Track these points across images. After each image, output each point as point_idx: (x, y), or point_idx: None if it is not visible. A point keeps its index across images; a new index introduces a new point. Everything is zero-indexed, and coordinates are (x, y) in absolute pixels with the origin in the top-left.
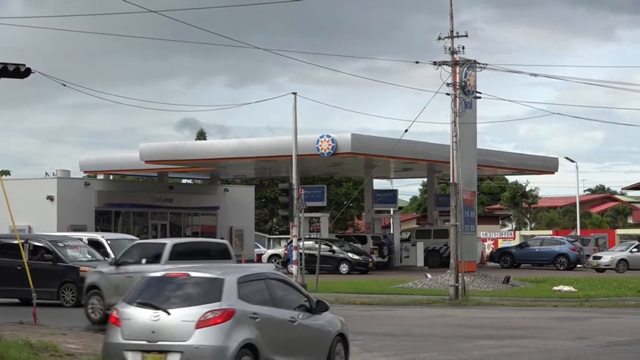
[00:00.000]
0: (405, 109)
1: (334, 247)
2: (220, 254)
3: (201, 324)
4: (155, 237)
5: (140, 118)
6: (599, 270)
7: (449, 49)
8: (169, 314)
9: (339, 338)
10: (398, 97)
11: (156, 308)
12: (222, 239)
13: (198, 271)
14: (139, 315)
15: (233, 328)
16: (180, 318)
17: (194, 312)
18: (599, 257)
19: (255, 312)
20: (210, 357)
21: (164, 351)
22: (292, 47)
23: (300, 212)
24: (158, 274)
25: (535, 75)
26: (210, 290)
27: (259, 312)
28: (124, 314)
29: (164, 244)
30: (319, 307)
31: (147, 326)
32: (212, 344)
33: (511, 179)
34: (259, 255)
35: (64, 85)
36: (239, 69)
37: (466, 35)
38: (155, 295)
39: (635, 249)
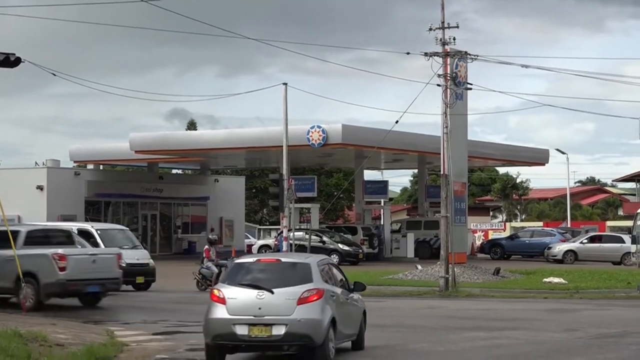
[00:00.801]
0: (396, 100)
1: (325, 238)
2: (66, 239)
3: (301, 301)
4: (145, 227)
5: (130, 108)
6: (549, 261)
7: (440, 40)
8: (272, 293)
9: (364, 312)
10: (389, 88)
11: (260, 288)
12: (212, 230)
13: (287, 257)
14: (245, 295)
15: (324, 305)
16: (283, 296)
17: (295, 291)
18: (550, 248)
19: (333, 291)
20: (310, 328)
21: (270, 324)
22: (282, 37)
23: (291, 203)
24: (250, 259)
25: (526, 66)
26: (302, 273)
27: (334, 291)
28: (229, 294)
29: (19, 231)
30: (356, 287)
31: (254, 303)
32: (311, 317)
33: (502, 170)
34: (249, 246)
35: (54, 74)
36: (229, 59)
37: (457, 27)
38: (255, 277)
39: (586, 241)
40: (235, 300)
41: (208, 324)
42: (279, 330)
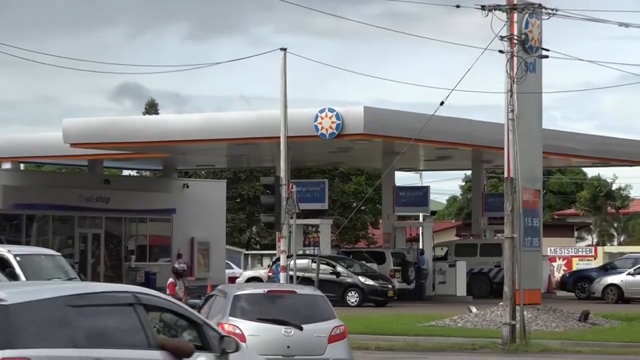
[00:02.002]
0: (440, 72)
1: (339, 268)
2: None
3: (332, 339)
4: (84, 250)
5: (62, 83)
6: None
7: None
8: (301, 329)
9: None
10: (430, 55)
11: (286, 324)
12: (180, 256)
13: (300, 289)
14: (269, 331)
15: (348, 342)
16: (313, 333)
17: (325, 328)
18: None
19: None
20: None
21: None
22: None
23: (291, 218)
24: (258, 290)
25: (626, 25)
26: (323, 307)
27: None
28: (248, 330)
29: None
30: None
31: (282, 341)
32: (343, 357)
33: (591, 172)
34: (232, 279)
35: None
36: (203, 14)
37: None
38: (271, 311)
39: (633, 271)
40: (258, 338)
41: None
42: None
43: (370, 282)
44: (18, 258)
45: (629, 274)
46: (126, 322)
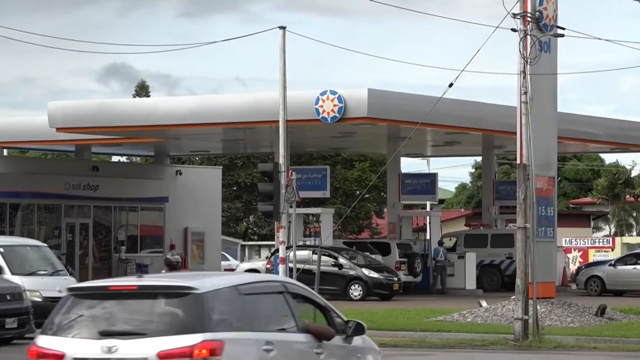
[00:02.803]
0: (448, 52)
1: (342, 260)
2: None
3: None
4: (71, 241)
5: (47, 63)
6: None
7: None
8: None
9: None
10: (438, 34)
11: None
12: (173, 247)
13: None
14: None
15: None
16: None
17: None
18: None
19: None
20: None
21: None
22: None
23: (291, 207)
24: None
25: None
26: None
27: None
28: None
29: None
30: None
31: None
32: None
33: (609, 158)
34: (229, 271)
35: None
36: None
37: None
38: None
39: (615, 262)
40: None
41: None
42: None
43: (374, 274)
44: (1, 249)
45: (610, 264)
46: (279, 308)
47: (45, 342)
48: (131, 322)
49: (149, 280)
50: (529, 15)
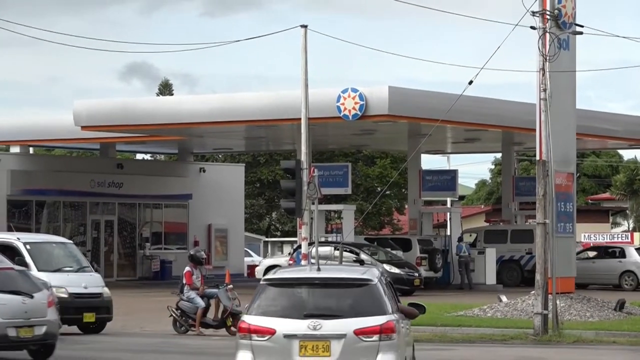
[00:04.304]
0: (469, 50)
1: (363, 256)
2: None
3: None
4: (96, 238)
5: (73, 63)
6: None
7: None
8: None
9: None
10: (458, 32)
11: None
12: (197, 243)
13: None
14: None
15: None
16: None
17: None
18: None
19: None
20: None
21: None
22: None
23: (313, 203)
24: None
25: None
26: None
27: None
28: None
29: None
30: None
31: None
32: None
33: (627, 154)
34: (252, 267)
35: None
36: None
37: None
38: None
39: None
40: None
41: None
42: None
43: (395, 270)
44: (28, 246)
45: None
46: (392, 293)
47: (253, 320)
48: (327, 305)
49: (329, 272)
50: (547, 13)
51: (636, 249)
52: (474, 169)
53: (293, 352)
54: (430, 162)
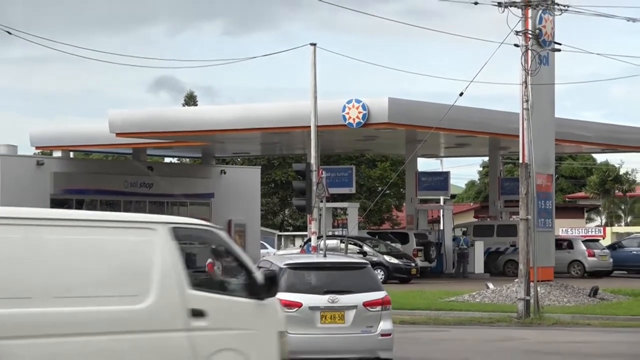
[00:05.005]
0: (459, 65)
1: (366, 248)
2: None
3: None
4: None
5: (108, 77)
6: None
7: None
8: None
9: None
10: (450, 49)
11: None
12: None
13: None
14: None
15: None
16: None
17: None
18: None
19: None
20: None
21: None
22: None
23: (321, 201)
24: None
25: (634, 20)
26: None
27: None
28: None
29: None
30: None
31: None
32: None
33: (600, 158)
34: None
35: (9, 33)
36: (240, 11)
37: None
38: None
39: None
40: None
41: None
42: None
43: (394, 260)
44: None
45: (498, 251)
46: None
47: (282, 296)
48: (339, 283)
49: (333, 258)
50: (529, 32)
51: (583, 242)
52: (464, 170)
53: (316, 320)
54: (425, 164)
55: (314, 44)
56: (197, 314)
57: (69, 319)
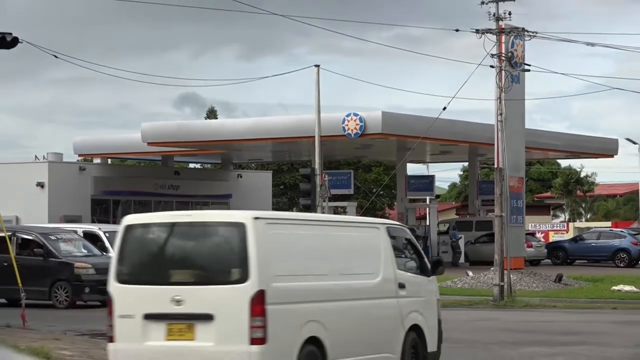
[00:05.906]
0: (443, 83)
1: None
2: None
3: None
4: None
5: (140, 94)
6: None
7: (494, 14)
8: None
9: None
10: (435, 70)
11: None
12: None
13: None
14: None
15: None
16: None
17: None
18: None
19: None
20: None
21: None
22: (313, 13)
23: (324, 201)
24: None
25: (592, 44)
26: None
27: None
28: None
29: None
30: None
31: None
32: None
33: (564, 163)
34: None
35: (56, 56)
36: (253, 38)
37: None
38: None
39: (474, 240)
40: None
41: None
42: None
43: None
44: (107, 234)
45: (471, 243)
46: None
47: None
48: None
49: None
50: (503, 55)
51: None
52: (447, 174)
53: None
54: (413, 169)
55: (318, 66)
56: (401, 286)
57: (347, 289)
